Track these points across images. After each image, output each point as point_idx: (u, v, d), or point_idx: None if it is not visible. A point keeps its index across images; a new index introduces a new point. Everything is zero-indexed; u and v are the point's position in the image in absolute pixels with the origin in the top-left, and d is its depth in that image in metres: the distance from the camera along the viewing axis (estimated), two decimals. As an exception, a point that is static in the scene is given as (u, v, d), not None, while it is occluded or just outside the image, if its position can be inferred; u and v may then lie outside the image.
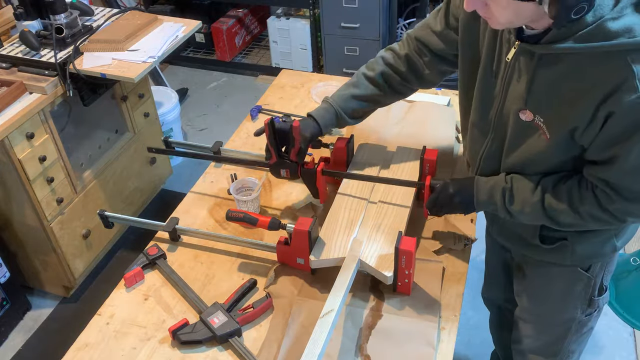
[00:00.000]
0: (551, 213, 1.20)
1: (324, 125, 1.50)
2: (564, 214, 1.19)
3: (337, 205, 1.51)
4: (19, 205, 2.24)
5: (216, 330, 1.28)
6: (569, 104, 1.08)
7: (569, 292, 1.43)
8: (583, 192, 1.16)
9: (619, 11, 0.99)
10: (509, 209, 1.26)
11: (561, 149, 1.16)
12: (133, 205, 2.81)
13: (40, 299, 2.58)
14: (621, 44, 0.98)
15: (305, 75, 2.25)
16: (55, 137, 2.23)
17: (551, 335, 1.54)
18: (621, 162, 1.07)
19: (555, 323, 1.51)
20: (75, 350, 1.31)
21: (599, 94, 1.03)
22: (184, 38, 2.39)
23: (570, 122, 1.09)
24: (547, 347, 1.57)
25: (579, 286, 1.41)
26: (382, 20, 3.43)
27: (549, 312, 1.51)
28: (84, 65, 2.18)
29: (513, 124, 1.20)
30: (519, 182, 1.24)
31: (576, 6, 0.94)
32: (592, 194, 1.15)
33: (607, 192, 1.13)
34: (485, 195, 1.29)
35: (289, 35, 3.80)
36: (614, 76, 1.01)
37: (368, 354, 1.25)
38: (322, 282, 1.40)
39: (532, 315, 1.55)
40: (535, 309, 1.53)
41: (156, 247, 1.50)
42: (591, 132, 1.08)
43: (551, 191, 1.19)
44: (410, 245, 1.28)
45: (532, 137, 1.18)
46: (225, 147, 1.79)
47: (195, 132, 3.62)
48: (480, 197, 1.30)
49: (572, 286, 1.42)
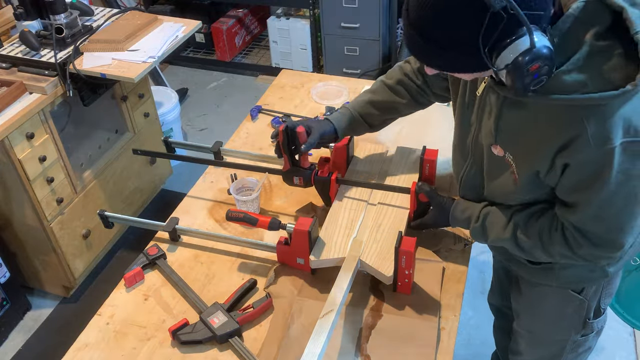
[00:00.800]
0: (525, 247, 1.22)
1: (339, 127, 1.49)
2: (537, 250, 1.20)
3: (337, 205, 1.51)
4: (19, 205, 2.24)
5: (216, 330, 1.28)
6: (531, 148, 1.09)
7: (561, 313, 1.41)
8: (553, 234, 1.16)
9: (574, 64, 0.96)
10: (486, 241, 1.31)
11: (530, 188, 1.16)
12: (133, 205, 2.81)
13: (40, 299, 2.58)
14: (574, 99, 0.96)
15: (305, 75, 2.25)
16: (55, 137, 2.23)
17: (546, 352, 1.53)
18: (584, 208, 1.08)
19: (549, 341, 1.50)
20: (75, 350, 1.31)
21: (555, 144, 1.03)
22: (184, 38, 2.39)
23: (533, 166, 1.10)
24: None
25: (571, 308, 1.38)
26: (382, 20, 3.43)
27: (542, 330, 1.50)
28: (84, 65, 2.18)
29: (487, 156, 1.21)
30: (491, 217, 1.26)
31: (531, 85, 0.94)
32: (562, 237, 1.15)
33: (575, 236, 1.12)
34: (460, 224, 1.36)
35: (289, 35, 3.80)
36: (569, 130, 0.99)
37: (368, 354, 1.25)
38: (322, 282, 1.40)
39: (527, 331, 1.54)
40: (529, 326, 1.52)
41: (156, 247, 1.50)
42: (553, 178, 1.09)
43: (523, 228, 1.20)
44: (410, 245, 1.28)
45: (504, 173, 1.18)
46: (225, 147, 1.79)
47: (195, 132, 3.62)
48: (455, 224, 1.37)
49: (564, 307, 1.39)
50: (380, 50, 3.54)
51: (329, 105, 2.00)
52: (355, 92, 2.09)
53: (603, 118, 0.96)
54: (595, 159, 0.99)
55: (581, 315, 1.39)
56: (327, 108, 1.99)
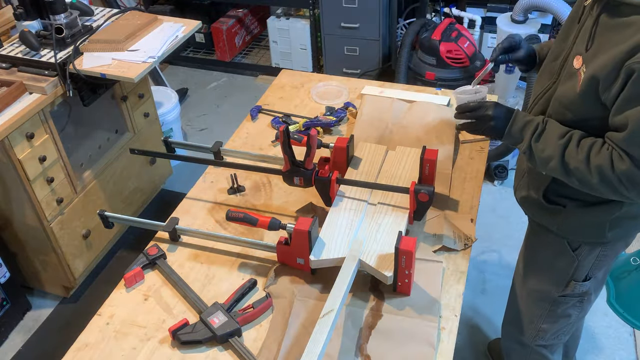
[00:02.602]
0: (567, 160, 1.24)
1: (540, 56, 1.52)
2: (578, 162, 1.22)
3: (337, 205, 1.51)
4: (19, 206, 2.24)
5: (216, 330, 1.28)
6: (606, 52, 1.14)
7: (551, 263, 1.49)
8: (602, 149, 1.20)
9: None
10: (533, 146, 1.30)
11: (585, 100, 1.20)
12: (133, 205, 2.81)
13: (40, 299, 2.58)
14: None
15: (305, 75, 2.25)
16: (55, 137, 2.23)
17: (524, 305, 1.61)
18: (635, 127, 1.11)
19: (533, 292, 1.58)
20: (75, 350, 1.31)
21: (629, 48, 1.09)
22: (184, 38, 2.39)
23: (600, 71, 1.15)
24: (518, 317, 1.65)
25: (562, 261, 1.46)
26: (382, 20, 3.43)
27: (530, 279, 1.58)
28: (83, 65, 2.18)
29: (567, 67, 1.27)
30: (552, 124, 1.29)
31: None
32: (609, 153, 1.19)
33: (621, 154, 1.16)
34: (519, 126, 1.33)
35: (289, 35, 3.80)
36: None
37: (368, 354, 1.25)
38: (322, 282, 1.40)
39: (518, 277, 1.63)
40: (522, 272, 1.62)
41: (156, 247, 1.50)
42: (613, 90, 1.14)
43: (577, 140, 1.24)
44: (410, 245, 1.28)
45: (571, 81, 1.24)
46: (225, 147, 1.79)
47: (195, 132, 3.62)
48: (515, 126, 1.33)
49: (556, 258, 1.47)
50: (380, 50, 3.54)
51: (329, 105, 2.00)
52: (355, 92, 2.10)
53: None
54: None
55: (568, 273, 1.47)
56: (327, 108, 1.99)
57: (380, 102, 1.95)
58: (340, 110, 1.97)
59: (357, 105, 1.99)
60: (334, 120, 1.90)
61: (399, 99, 1.97)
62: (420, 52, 3.23)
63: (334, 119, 1.91)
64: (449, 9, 3.59)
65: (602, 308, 2.34)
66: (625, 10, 1.12)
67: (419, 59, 3.23)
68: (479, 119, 1.38)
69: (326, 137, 1.89)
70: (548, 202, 1.42)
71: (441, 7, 3.63)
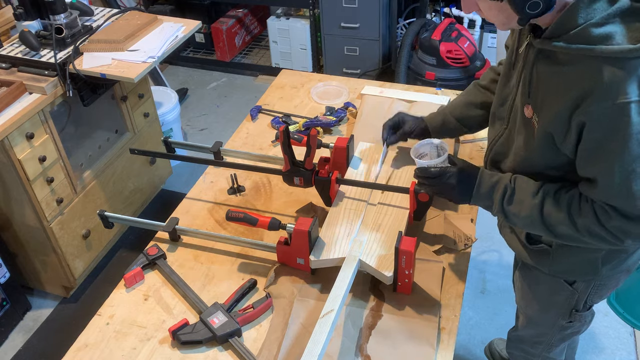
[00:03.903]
0: (548, 220, 1.17)
1: (430, 125, 1.54)
2: (562, 224, 1.15)
3: (337, 205, 1.51)
4: (19, 206, 2.24)
5: (216, 330, 1.28)
6: (552, 105, 1.08)
7: (550, 299, 1.45)
8: (583, 205, 1.13)
9: (606, 18, 0.99)
10: (506, 208, 1.23)
11: (545, 152, 1.15)
12: (133, 205, 2.81)
13: (40, 299, 2.58)
14: (595, 49, 0.98)
15: (305, 75, 2.25)
16: (55, 137, 2.23)
17: (535, 331, 1.60)
18: (608, 179, 1.05)
19: (539, 322, 1.57)
20: (75, 350, 1.31)
21: (573, 100, 1.03)
22: (184, 38, 2.39)
23: (550, 125, 1.10)
24: (531, 337, 1.63)
25: (561, 296, 1.41)
26: (382, 20, 3.43)
27: (533, 312, 1.56)
28: (83, 65, 2.18)
29: (519, 118, 1.21)
30: (522, 183, 1.21)
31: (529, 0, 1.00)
32: (591, 208, 1.11)
33: (606, 209, 1.09)
34: (486, 190, 1.26)
35: (289, 35, 3.80)
36: (587, 82, 1.00)
37: (368, 354, 1.25)
38: (322, 282, 1.40)
39: (521, 308, 1.62)
40: (522, 304, 1.60)
41: (156, 247, 1.50)
42: (569, 143, 1.08)
43: (552, 197, 1.16)
44: (410, 245, 1.28)
45: (527, 133, 1.18)
46: (225, 147, 1.79)
47: (195, 132, 3.62)
48: (482, 190, 1.26)
49: (554, 294, 1.43)
50: (380, 50, 3.54)
51: (329, 105, 2.00)
52: (355, 92, 2.10)
53: (619, 70, 0.97)
54: (610, 114, 0.99)
55: (570, 305, 1.43)
56: (327, 108, 1.99)
57: (380, 102, 1.95)
58: (340, 110, 1.97)
59: (357, 105, 1.99)
60: (334, 120, 1.90)
61: (399, 99, 1.97)
62: (420, 52, 3.24)
63: (334, 119, 1.91)
64: (449, 9, 3.59)
65: (602, 308, 2.34)
66: (561, 57, 1.06)
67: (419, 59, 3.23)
68: (442, 186, 1.29)
69: (326, 137, 1.89)
70: (532, 244, 1.35)
71: (441, 7, 3.63)
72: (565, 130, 1.07)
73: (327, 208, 1.55)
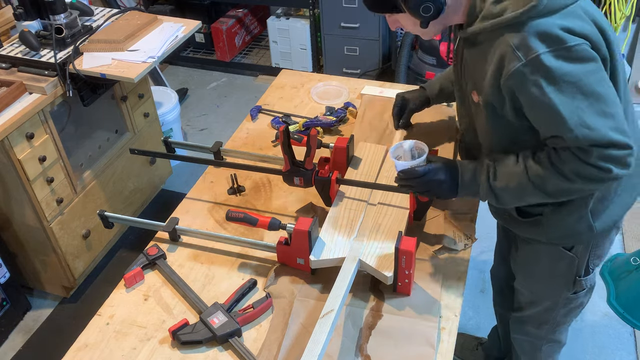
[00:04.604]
0: (537, 181, 1.19)
1: (430, 93, 1.66)
2: (550, 178, 1.17)
3: (337, 205, 1.51)
4: (19, 206, 2.24)
5: (216, 330, 1.28)
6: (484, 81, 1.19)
7: (553, 270, 1.48)
8: (561, 153, 1.15)
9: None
10: (493, 185, 1.25)
11: (500, 127, 1.24)
12: (133, 205, 2.81)
13: (40, 299, 2.58)
14: (497, 21, 1.13)
15: (305, 75, 2.25)
16: (55, 137, 2.23)
17: (541, 307, 1.60)
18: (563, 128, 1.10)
19: (544, 297, 1.58)
20: (75, 350, 1.31)
21: (496, 71, 1.15)
22: (184, 38, 2.39)
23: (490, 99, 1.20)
24: (538, 316, 1.64)
25: (563, 265, 1.45)
26: (382, 20, 3.43)
27: (537, 288, 1.58)
28: (83, 65, 2.18)
29: (473, 106, 1.31)
30: (500, 158, 1.26)
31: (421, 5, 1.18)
32: (570, 153, 1.14)
33: (581, 148, 1.12)
34: (470, 176, 1.29)
35: (289, 35, 3.80)
36: (500, 50, 1.13)
37: (368, 354, 1.25)
38: (322, 282, 1.40)
39: (524, 288, 1.62)
40: (526, 283, 1.61)
41: (156, 247, 1.50)
42: (509, 108, 1.18)
43: (532, 159, 1.20)
44: (410, 245, 1.28)
45: (481, 117, 1.28)
46: (225, 147, 1.79)
47: (195, 132, 3.62)
48: (465, 177, 1.29)
49: (556, 264, 1.46)
50: (380, 50, 3.54)
51: (329, 105, 2.00)
52: (355, 92, 2.10)
53: (519, 33, 1.11)
54: (528, 71, 1.10)
55: (572, 273, 1.46)
56: (327, 108, 1.99)
57: (380, 102, 1.95)
58: (340, 110, 1.97)
59: (357, 105, 1.99)
60: (334, 120, 1.90)
61: (399, 99, 1.97)
62: (420, 52, 3.23)
63: (334, 119, 1.91)
64: (449, 9, 3.58)
65: (602, 308, 2.34)
66: (480, 38, 1.19)
67: (419, 59, 3.23)
68: (430, 183, 1.31)
69: (326, 137, 1.89)
70: (524, 216, 1.39)
71: (441, 7, 3.62)
72: (502, 99, 1.18)
73: (327, 208, 1.55)
